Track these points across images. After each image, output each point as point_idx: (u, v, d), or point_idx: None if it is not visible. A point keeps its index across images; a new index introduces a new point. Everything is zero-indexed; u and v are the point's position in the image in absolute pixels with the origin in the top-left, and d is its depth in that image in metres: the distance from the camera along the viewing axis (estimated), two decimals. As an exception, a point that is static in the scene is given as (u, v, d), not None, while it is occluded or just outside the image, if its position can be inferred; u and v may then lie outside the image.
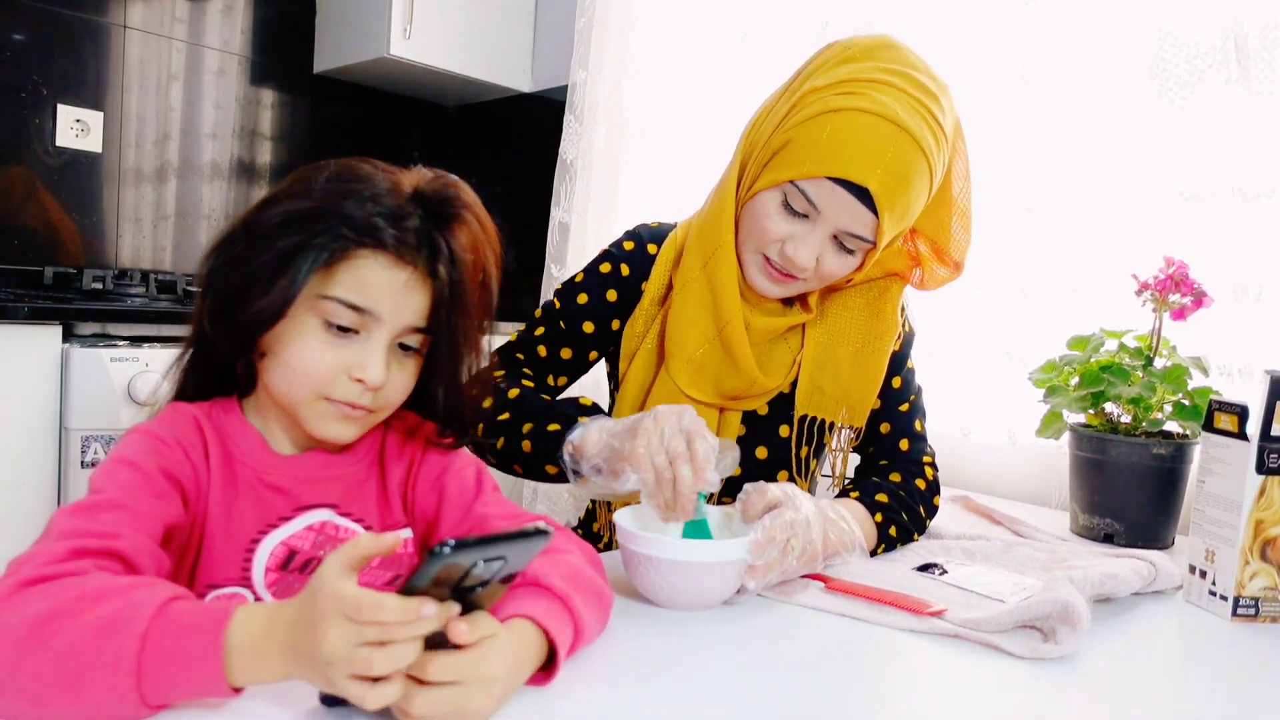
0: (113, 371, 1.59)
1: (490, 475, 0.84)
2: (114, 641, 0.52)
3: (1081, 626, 0.76)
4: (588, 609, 0.68)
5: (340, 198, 0.69)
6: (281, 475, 0.75)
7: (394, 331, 0.71)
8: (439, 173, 0.74)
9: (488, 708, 0.57)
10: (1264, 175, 1.27)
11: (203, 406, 0.75)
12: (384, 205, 0.69)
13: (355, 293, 0.69)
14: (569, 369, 1.16)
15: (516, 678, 0.61)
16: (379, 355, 0.71)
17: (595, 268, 1.15)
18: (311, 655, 0.51)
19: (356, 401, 0.72)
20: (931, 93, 0.97)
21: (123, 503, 0.65)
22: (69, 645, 0.52)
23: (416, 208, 0.70)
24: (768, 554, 0.82)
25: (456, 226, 0.72)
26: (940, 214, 1.08)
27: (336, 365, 0.70)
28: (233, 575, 0.73)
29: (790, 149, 0.97)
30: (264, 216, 0.70)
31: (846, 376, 1.10)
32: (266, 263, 0.68)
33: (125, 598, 0.54)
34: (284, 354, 0.70)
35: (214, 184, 2.43)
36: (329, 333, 0.70)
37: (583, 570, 0.72)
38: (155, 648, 0.52)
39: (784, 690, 0.67)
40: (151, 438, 0.71)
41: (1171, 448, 1.12)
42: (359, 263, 0.68)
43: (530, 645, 0.62)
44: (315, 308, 0.69)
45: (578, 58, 2.23)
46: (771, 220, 1.00)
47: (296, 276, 0.67)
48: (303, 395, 0.71)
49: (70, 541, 0.59)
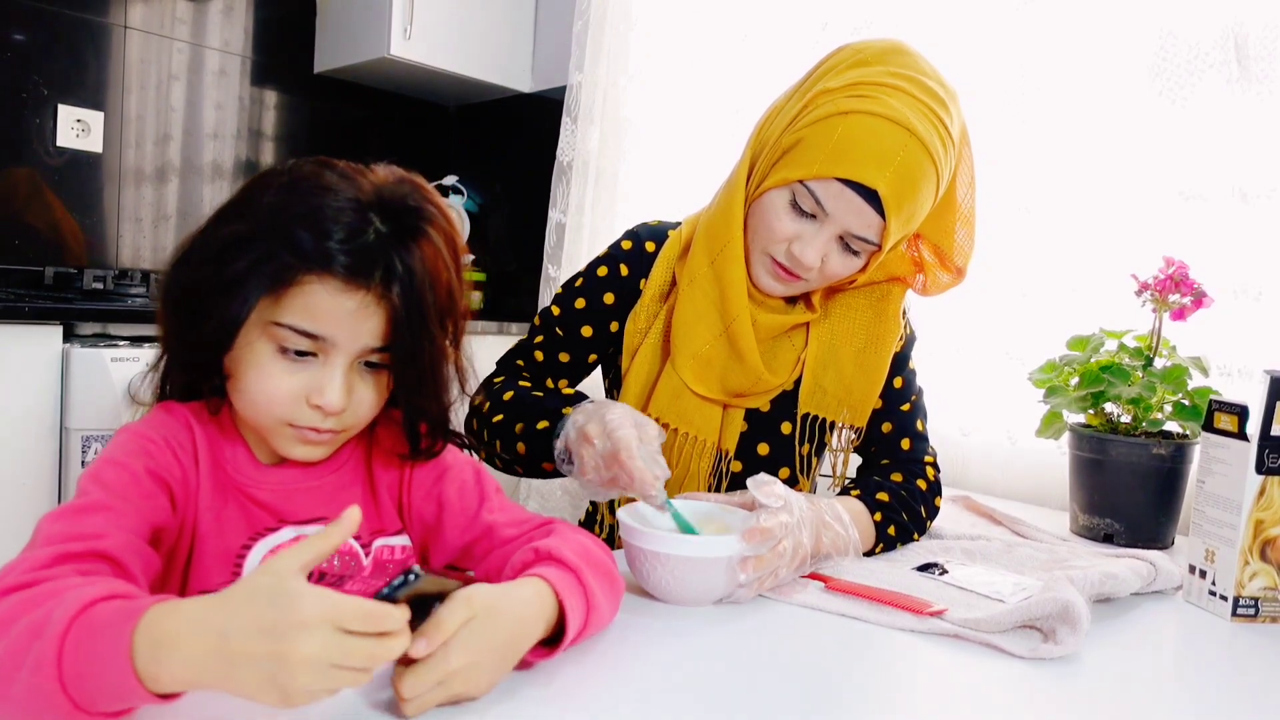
0: (113, 371, 1.59)
1: (489, 476, 0.83)
2: (37, 645, 0.49)
3: (1081, 626, 0.76)
4: (599, 586, 0.68)
5: (290, 219, 0.65)
6: (263, 488, 0.74)
7: (351, 355, 0.69)
8: (403, 175, 0.71)
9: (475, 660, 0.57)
10: (1264, 175, 1.27)
11: (194, 407, 0.74)
12: (339, 223, 0.65)
13: (306, 319, 0.66)
14: (568, 372, 1.16)
15: (515, 629, 0.61)
16: (337, 379, 0.68)
17: (592, 271, 1.16)
18: (268, 663, 0.47)
19: (319, 426, 0.70)
20: (941, 99, 0.97)
21: (108, 504, 0.64)
22: (6, 650, 0.50)
23: (374, 219, 0.66)
24: (760, 546, 0.82)
25: (417, 241, 0.68)
26: (945, 219, 1.08)
27: (295, 391, 0.68)
28: (223, 582, 0.73)
29: (800, 149, 0.98)
30: (214, 236, 0.67)
31: (849, 376, 1.11)
32: (214, 287, 0.65)
33: (59, 599, 0.51)
34: (242, 381, 0.69)
35: (215, 184, 2.43)
36: (285, 358, 0.68)
37: (593, 550, 0.72)
38: (72, 651, 0.49)
39: (784, 690, 0.67)
40: (141, 438, 0.70)
41: (1171, 448, 1.12)
42: (308, 288, 0.65)
43: (539, 602, 0.62)
44: (268, 333, 0.67)
45: (576, 58, 2.23)
46: (779, 219, 1.00)
47: (242, 305, 0.65)
48: (265, 421, 0.70)
49: (54, 547, 0.58)
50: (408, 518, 0.81)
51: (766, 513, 0.85)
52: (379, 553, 0.79)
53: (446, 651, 0.56)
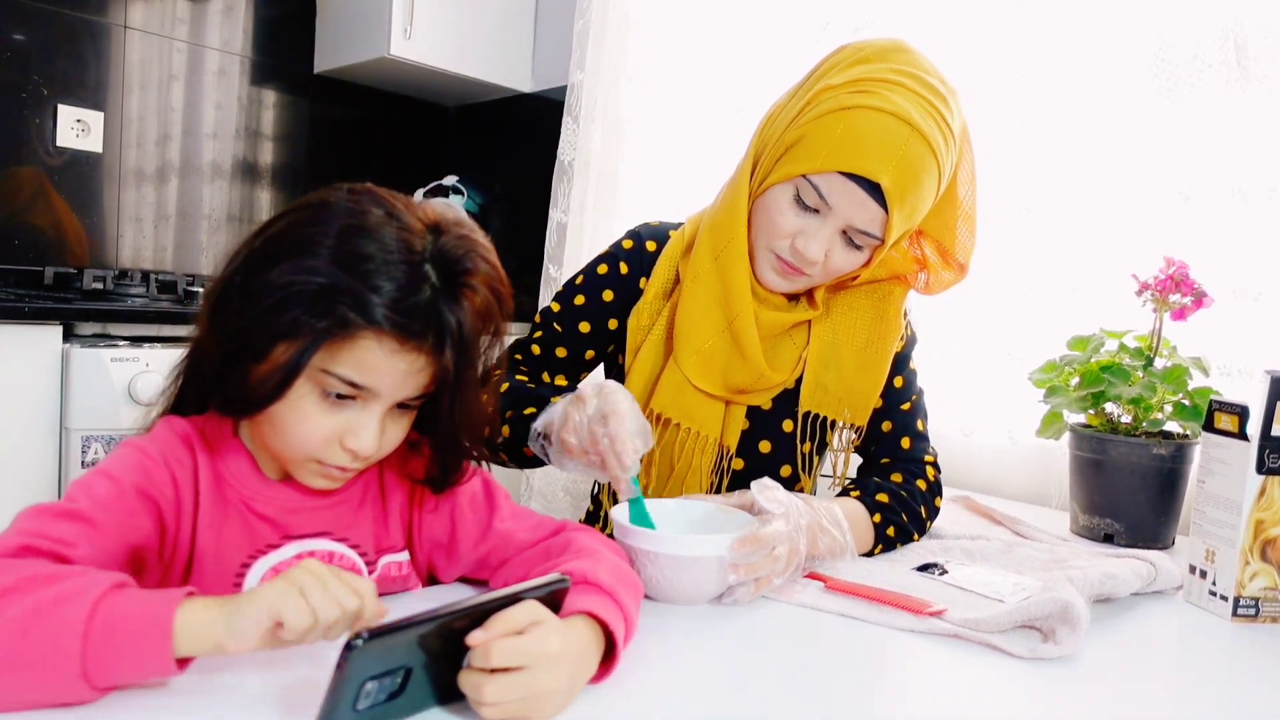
0: (113, 371, 1.59)
1: (497, 484, 0.83)
2: (65, 611, 0.53)
3: (1081, 627, 0.76)
4: (631, 603, 0.69)
5: (344, 268, 0.64)
6: (269, 504, 0.74)
7: (391, 403, 0.70)
8: (456, 220, 0.70)
9: (559, 687, 0.57)
10: (1264, 175, 1.27)
11: (196, 422, 0.74)
12: (393, 279, 0.64)
13: (357, 372, 0.66)
14: (565, 368, 1.17)
15: (582, 662, 0.61)
16: (373, 426, 0.69)
17: (593, 269, 1.17)
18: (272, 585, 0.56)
19: (347, 466, 0.71)
20: (942, 95, 0.98)
21: (89, 516, 0.64)
22: (16, 618, 0.53)
23: (429, 273, 0.66)
24: (750, 555, 0.82)
25: (468, 295, 0.68)
26: (946, 216, 1.09)
27: (330, 433, 0.69)
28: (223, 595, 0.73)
29: (803, 144, 0.98)
30: (264, 281, 0.65)
31: (850, 375, 1.11)
32: (265, 334, 0.65)
33: (84, 578, 0.56)
34: (278, 420, 0.69)
35: (215, 184, 2.43)
36: (325, 401, 0.68)
37: (620, 566, 0.73)
38: (105, 616, 0.54)
39: (783, 690, 0.67)
40: (140, 454, 0.70)
41: (1171, 448, 1.12)
42: (362, 344, 0.65)
43: (587, 637, 0.63)
44: (314, 379, 0.67)
45: (577, 58, 2.23)
46: (783, 214, 1.01)
47: (299, 358, 0.65)
48: (293, 456, 0.71)
49: (24, 539, 0.60)
50: (416, 535, 0.81)
51: (762, 519, 0.85)
52: (386, 569, 0.79)
53: (536, 672, 0.56)
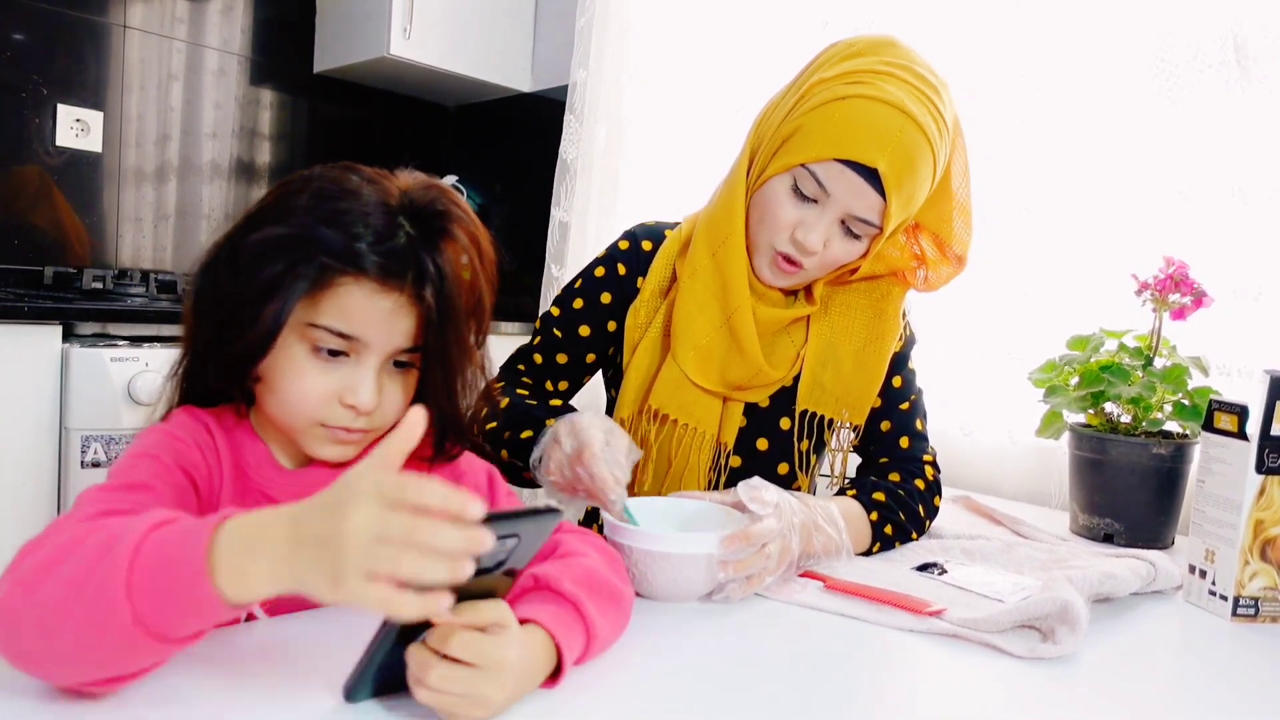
0: (113, 371, 1.59)
1: (503, 481, 0.83)
2: (109, 559, 0.51)
3: (1080, 626, 0.76)
4: (601, 613, 0.67)
5: (322, 221, 0.66)
6: (285, 493, 0.74)
7: (384, 354, 0.70)
8: (429, 181, 0.72)
9: (498, 697, 0.57)
10: (1264, 175, 1.27)
11: (213, 413, 0.75)
12: (369, 226, 0.66)
13: (341, 320, 0.67)
14: (567, 374, 1.17)
15: (526, 678, 0.61)
16: (369, 379, 0.70)
17: (590, 272, 1.17)
18: (322, 541, 0.47)
19: (351, 426, 0.71)
20: (934, 86, 0.99)
21: (150, 484, 0.65)
22: (73, 570, 0.52)
23: (404, 223, 0.67)
24: (739, 552, 0.82)
25: (446, 242, 0.69)
26: (942, 207, 1.09)
27: (328, 391, 0.69)
28: None
29: (799, 135, 0.99)
30: (246, 243, 0.68)
31: (848, 375, 1.11)
32: (250, 294, 0.66)
33: (126, 522, 0.53)
34: (276, 383, 0.70)
35: (214, 184, 2.43)
36: (318, 358, 0.69)
37: (596, 572, 0.71)
38: (145, 561, 0.50)
39: (782, 690, 0.67)
40: (169, 436, 0.71)
41: (1171, 448, 1.12)
42: (343, 290, 0.66)
43: (539, 650, 0.62)
44: (303, 335, 0.68)
45: (578, 58, 2.23)
46: (782, 206, 1.01)
47: (281, 308, 0.65)
48: (297, 422, 0.71)
49: (104, 507, 0.60)
50: None
51: (752, 518, 0.85)
52: None
53: (484, 675, 0.55)
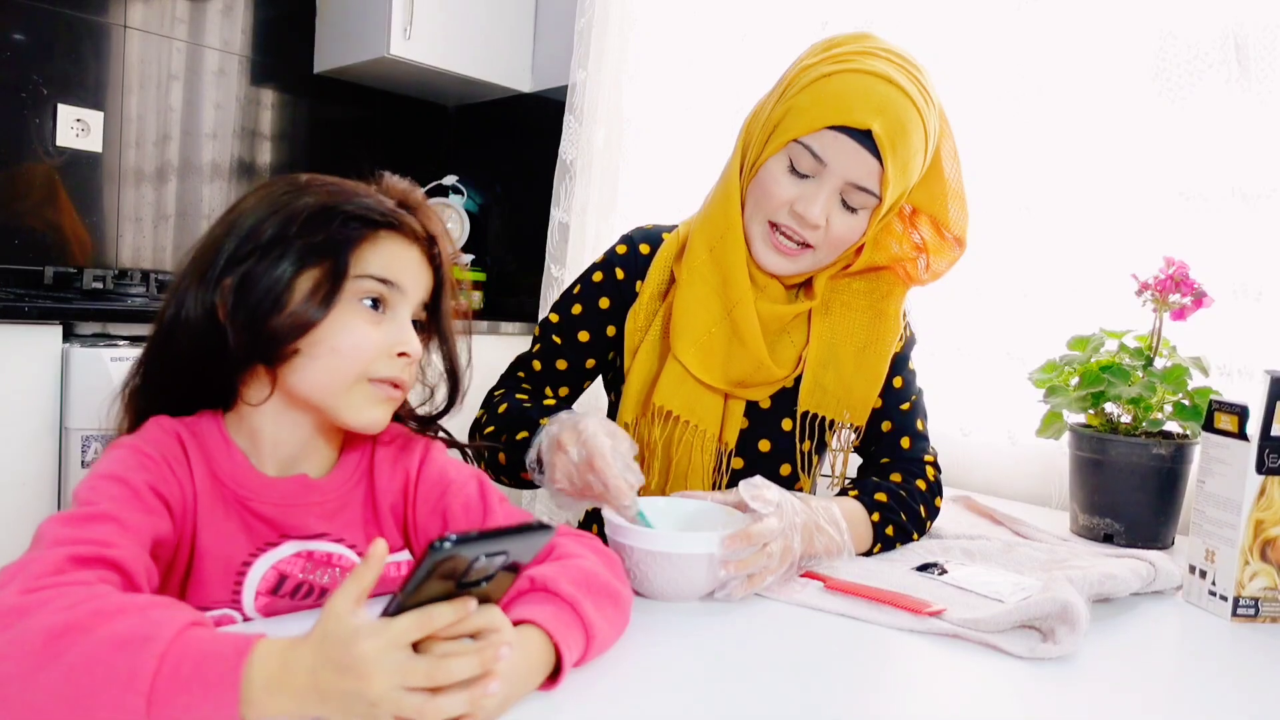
0: (113, 371, 1.59)
1: (493, 487, 0.83)
2: (130, 659, 0.50)
3: (1080, 626, 0.76)
4: (600, 613, 0.67)
5: (342, 197, 0.73)
6: (265, 501, 0.74)
7: (413, 306, 0.76)
8: (408, 185, 0.80)
9: (490, 704, 0.56)
10: (1264, 175, 1.27)
11: (184, 422, 0.74)
12: (380, 200, 0.74)
13: (384, 268, 0.73)
14: (567, 379, 1.16)
15: (523, 681, 0.61)
16: (410, 328, 0.75)
17: (588, 277, 1.17)
18: (351, 698, 0.51)
19: (399, 376, 0.75)
20: (916, 65, 1.02)
21: (113, 514, 0.64)
22: (83, 659, 0.50)
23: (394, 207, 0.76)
24: (740, 551, 0.82)
25: (431, 218, 0.79)
26: (935, 189, 1.10)
27: (381, 342, 0.73)
28: (222, 597, 0.73)
29: (790, 115, 1.01)
30: (259, 232, 0.72)
31: (849, 375, 1.11)
32: (292, 265, 0.70)
33: (144, 615, 0.53)
34: (330, 341, 0.72)
35: (214, 184, 2.43)
36: (366, 312, 0.73)
37: (595, 574, 0.71)
38: (172, 670, 0.50)
39: (782, 690, 0.67)
40: (137, 453, 0.70)
41: (1171, 448, 1.12)
42: (382, 242, 0.73)
43: (537, 651, 0.62)
44: (352, 289, 0.72)
45: (578, 58, 2.23)
46: (779, 184, 1.02)
47: (339, 259, 0.71)
48: (345, 380, 0.73)
49: (67, 549, 0.58)
50: (412, 536, 0.81)
51: (754, 517, 0.85)
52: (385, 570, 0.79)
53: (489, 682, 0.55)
